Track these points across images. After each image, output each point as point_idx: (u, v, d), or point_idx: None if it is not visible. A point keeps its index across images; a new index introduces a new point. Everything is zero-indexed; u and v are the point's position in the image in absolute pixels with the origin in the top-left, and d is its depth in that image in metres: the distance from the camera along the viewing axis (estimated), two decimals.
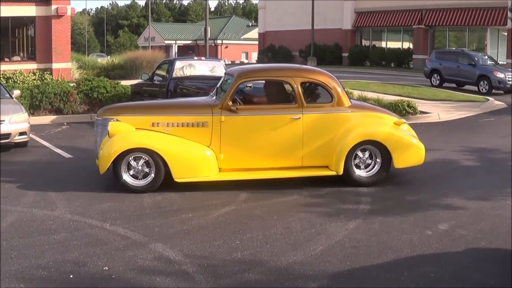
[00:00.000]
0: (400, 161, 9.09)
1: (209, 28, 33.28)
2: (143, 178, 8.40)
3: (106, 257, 5.93)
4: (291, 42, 54.09)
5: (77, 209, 7.64)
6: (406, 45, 50.30)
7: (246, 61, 69.76)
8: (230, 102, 8.66)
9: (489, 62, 29.03)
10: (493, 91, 26.07)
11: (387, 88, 25.01)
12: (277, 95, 9.46)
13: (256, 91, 9.73)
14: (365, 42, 52.58)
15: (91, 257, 5.91)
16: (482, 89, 26.49)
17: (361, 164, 9.06)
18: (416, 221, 7.43)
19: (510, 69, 27.86)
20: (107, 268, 5.65)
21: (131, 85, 18.48)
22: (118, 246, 6.27)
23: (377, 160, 9.08)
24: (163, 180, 8.53)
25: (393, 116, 9.89)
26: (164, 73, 15.96)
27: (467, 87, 27.64)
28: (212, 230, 6.79)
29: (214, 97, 9.22)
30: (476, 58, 28.16)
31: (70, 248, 6.17)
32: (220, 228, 6.90)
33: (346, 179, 8.96)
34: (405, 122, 9.70)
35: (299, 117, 8.79)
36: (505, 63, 43.47)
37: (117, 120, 8.72)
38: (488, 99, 22.93)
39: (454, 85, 28.39)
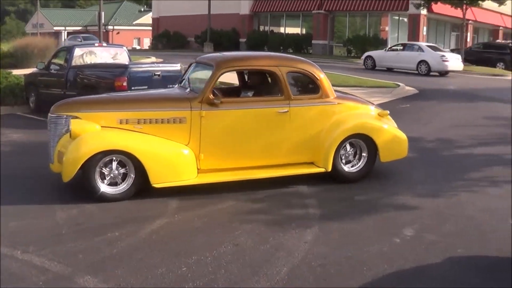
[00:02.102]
0: (386, 155, 8.73)
1: (103, 13, 31.48)
2: (118, 185, 7.37)
3: None
4: (186, 28, 52.95)
5: None
6: (306, 30, 50.31)
7: (138, 47, 67.82)
8: (211, 95, 7.70)
9: None
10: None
11: (344, 79, 24.29)
12: (261, 86, 8.70)
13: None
14: (263, 28, 52.16)
15: None
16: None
17: (344, 159, 8.55)
18: (377, 226, 6.71)
19: None
20: None
21: (25, 75, 16.71)
22: (37, 284, 4.97)
23: (363, 154, 8.64)
24: (73, 187, 7.39)
25: (377, 107, 9.33)
26: (62, 62, 14.45)
27: None
28: (149, 253, 5.62)
29: (188, 89, 8.17)
30: None
31: None
32: (158, 249, 5.74)
33: (333, 176, 8.40)
34: (388, 114, 9.13)
35: (287, 110, 8.10)
36: None
37: (76, 117, 7.51)
38: (399, 85, 22.91)
39: None
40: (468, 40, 45.97)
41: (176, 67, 13.50)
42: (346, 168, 8.56)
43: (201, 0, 49.40)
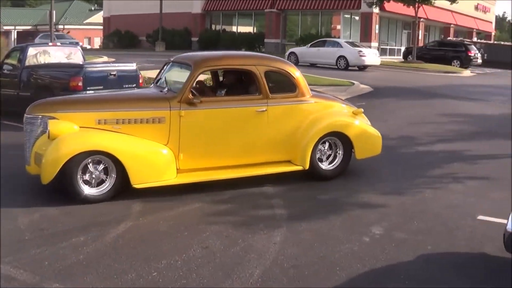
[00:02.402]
0: (361, 152, 8.89)
1: (54, 12, 30.85)
2: (98, 186, 7.26)
3: None
4: (138, 27, 52.44)
5: None
6: (258, 29, 50.34)
7: (88, 47, 66.75)
8: (190, 95, 7.69)
9: None
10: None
11: None
12: (239, 85, 8.66)
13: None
14: (215, 26, 52.00)
15: None
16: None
17: (322, 157, 8.68)
18: (345, 225, 6.69)
19: None
20: None
21: None
22: None
23: (339, 151, 8.79)
24: (35, 190, 7.23)
25: (351, 105, 9.47)
26: (15, 62, 14.00)
27: None
28: (117, 258, 5.45)
29: (165, 89, 8.05)
30: None
31: None
32: (126, 254, 5.57)
33: (310, 173, 8.49)
34: (362, 112, 9.30)
35: (265, 109, 8.16)
36: None
37: (53, 117, 7.34)
38: (354, 83, 23.09)
39: None
40: (420, 37, 46.64)
41: (132, 66, 13.28)
42: (323, 165, 8.67)
43: None
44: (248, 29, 50.75)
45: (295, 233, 6.35)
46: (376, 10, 43.16)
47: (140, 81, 13.38)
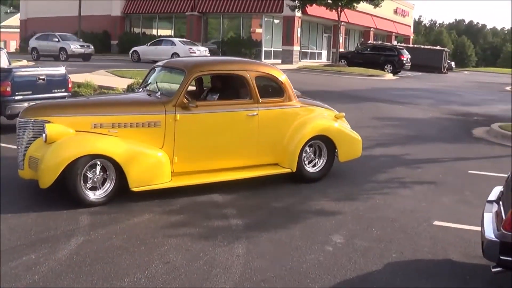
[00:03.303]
0: (344, 155, 9.32)
1: None
2: (95, 190, 7.34)
3: None
4: (56, 30, 50.82)
5: None
6: (179, 32, 49.98)
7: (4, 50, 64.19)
8: (185, 99, 7.84)
9: None
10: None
11: None
12: (231, 90, 8.79)
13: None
14: (135, 30, 51.29)
15: None
16: None
17: (306, 160, 8.98)
18: (305, 234, 6.59)
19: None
20: None
21: None
22: None
23: (323, 154, 9.15)
24: None
25: (333, 110, 9.79)
26: None
27: None
28: (76, 278, 5.09)
29: (158, 93, 8.17)
30: None
31: None
32: (84, 272, 5.22)
33: (297, 176, 8.82)
34: (344, 116, 9.74)
35: (256, 114, 8.44)
36: (280, 50, 45.29)
37: (48, 121, 7.31)
38: None
39: None
40: (341, 41, 47.43)
41: (61, 70, 12.78)
42: (309, 168, 9.01)
43: (71, 1, 47.72)
44: (169, 32, 50.30)
45: (256, 244, 6.19)
46: (298, 13, 43.64)
47: (69, 85, 12.91)
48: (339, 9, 39.08)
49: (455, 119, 17.77)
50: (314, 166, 9.07)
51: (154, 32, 50.56)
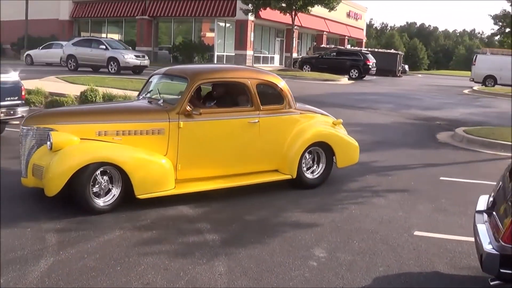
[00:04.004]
0: (342, 161, 9.54)
1: None
2: (101, 197, 7.47)
3: None
4: (2, 34, 49.86)
5: None
6: (129, 37, 49.47)
7: None
8: (188, 107, 7.97)
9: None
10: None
11: (125, 83, 23.56)
12: (233, 97, 8.96)
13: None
14: (84, 34, 50.52)
15: None
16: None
17: (305, 166, 9.20)
18: (285, 249, 6.42)
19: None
20: None
21: None
22: None
23: (322, 160, 9.38)
24: None
25: (330, 116, 10.00)
26: None
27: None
28: None
29: (160, 101, 8.32)
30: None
31: None
32: None
33: (297, 182, 9.03)
34: (342, 122, 10.02)
35: (257, 121, 8.64)
36: (233, 54, 45.19)
37: (53, 129, 7.43)
38: None
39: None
40: (294, 45, 47.53)
41: (14, 77, 12.34)
42: (308, 174, 9.25)
43: (18, 5, 46.69)
44: (118, 36, 49.70)
45: (236, 261, 5.99)
46: (251, 17, 43.64)
47: (23, 93, 12.49)
48: (293, 13, 39.16)
49: (417, 124, 17.92)
50: (312, 172, 9.28)
51: (104, 36, 49.82)
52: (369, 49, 54.04)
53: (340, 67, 40.76)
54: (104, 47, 33.27)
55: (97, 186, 7.33)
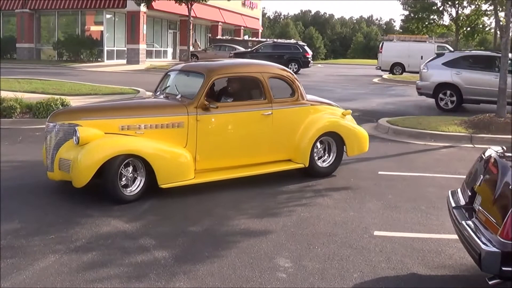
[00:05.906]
0: (352, 150, 10.32)
1: None
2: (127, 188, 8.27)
3: None
4: None
5: None
6: (8, 33, 47.53)
7: None
8: (205, 101, 8.78)
9: None
10: None
11: (12, 84, 22.44)
12: (247, 91, 9.86)
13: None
14: None
15: None
16: None
17: (317, 156, 9.97)
18: (246, 262, 6.18)
19: None
20: None
21: None
22: None
23: (332, 150, 10.17)
24: None
25: (339, 107, 10.79)
26: None
27: None
28: None
29: (178, 96, 9.17)
30: None
31: None
32: None
33: (309, 171, 9.81)
34: (351, 113, 10.72)
35: (271, 113, 9.44)
36: (125, 48, 44.32)
37: (78, 125, 8.22)
38: (139, 90, 22.66)
39: None
40: (191, 37, 47.16)
41: None
42: (320, 163, 10.03)
43: None
44: None
45: (199, 280, 5.69)
46: (144, 8, 42.88)
47: None
48: (189, 3, 38.73)
49: None
50: (323, 161, 10.08)
51: None
52: (269, 40, 54.29)
53: (278, 62, 40.14)
54: None
55: (124, 177, 8.07)
